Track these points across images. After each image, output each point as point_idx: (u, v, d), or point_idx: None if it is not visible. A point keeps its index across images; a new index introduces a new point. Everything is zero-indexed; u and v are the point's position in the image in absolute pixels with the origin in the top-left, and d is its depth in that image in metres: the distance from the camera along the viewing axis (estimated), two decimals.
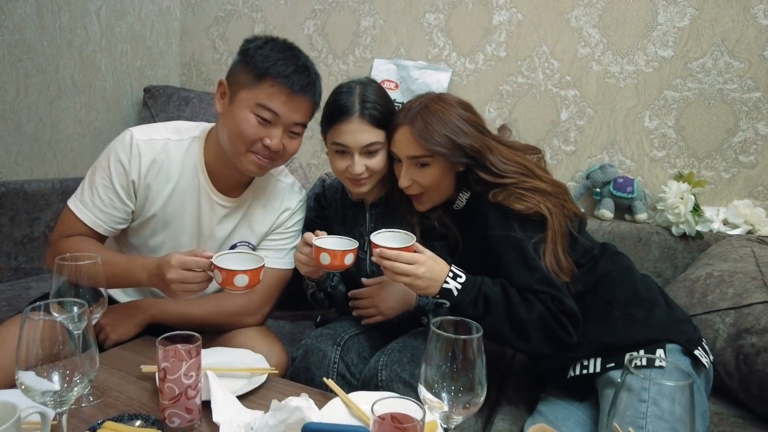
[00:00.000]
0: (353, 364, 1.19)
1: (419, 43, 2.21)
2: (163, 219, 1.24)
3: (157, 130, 1.24)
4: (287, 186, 1.37)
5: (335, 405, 0.92)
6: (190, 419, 0.86)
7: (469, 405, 0.66)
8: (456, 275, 1.07)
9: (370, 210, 1.37)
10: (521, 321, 1.05)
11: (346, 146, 1.21)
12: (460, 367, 0.66)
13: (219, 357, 1.08)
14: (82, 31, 2.27)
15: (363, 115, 1.19)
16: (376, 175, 1.25)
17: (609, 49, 1.92)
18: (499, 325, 1.06)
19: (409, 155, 1.19)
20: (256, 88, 1.11)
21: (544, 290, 1.06)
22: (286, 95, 1.11)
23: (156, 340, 0.85)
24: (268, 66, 1.11)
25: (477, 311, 1.05)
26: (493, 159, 1.17)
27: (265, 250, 1.33)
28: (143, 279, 1.10)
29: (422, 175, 1.20)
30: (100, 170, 1.21)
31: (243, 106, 1.12)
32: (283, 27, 2.49)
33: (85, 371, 0.70)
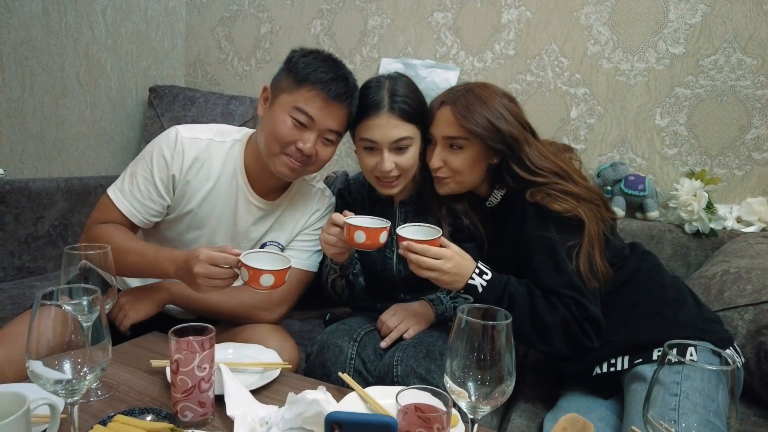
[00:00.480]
0: (369, 360, 1.17)
1: (427, 42, 2.20)
2: (200, 216, 1.26)
3: (201, 129, 1.27)
4: (319, 191, 1.40)
5: (352, 399, 0.89)
6: (204, 413, 0.83)
7: (497, 395, 0.64)
8: (482, 272, 1.06)
9: (400, 207, 1.34)
10: (544, 323, 1.03)
11: (375, 142, 1.19)
12: (488, 356, 0.64)
13: (231, 352, 1.05)
14: (88, 30, 2.26)
15: (392, 110, 1.17)
16: (406, 174, 1.23)
17: (619, 46, 1.90)
18: (521, 325, 1.04)
19: (446, 135, 1.17)
20: (295, 92, 1.14)
21: (570, 295, 1.04)
22: (322, 101, 1.13)
23: (168, 333, 0.83)
24: (308, 72, 1.14)
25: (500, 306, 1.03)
26: (530, 152, 1.14)
27: (290, 250, 1.34)
28: (170, 271, 1.11)
29: (455, 157, 1.18)
30: (142, 162, 1.24)
31: (281, 109, 1.15)
32: (290, 27, 2.48)
33: (97, 360, 0.68)
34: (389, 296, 1.38)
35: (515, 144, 1.14)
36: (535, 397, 1.25)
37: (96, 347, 0.70)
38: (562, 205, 1.09)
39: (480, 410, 0.65)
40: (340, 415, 0.59)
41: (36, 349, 0.65)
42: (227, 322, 1.26)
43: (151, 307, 1.19)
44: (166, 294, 1.20)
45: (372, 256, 1.34)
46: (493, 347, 0.63)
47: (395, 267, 1.34)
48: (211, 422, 0.85)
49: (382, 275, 1.35)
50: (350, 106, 1.18)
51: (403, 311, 1.25)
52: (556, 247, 1.07)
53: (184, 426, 0.81)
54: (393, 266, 1.34)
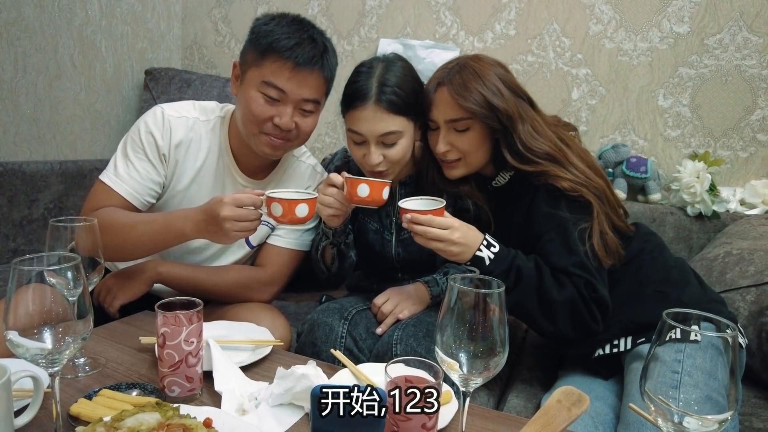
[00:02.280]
0: (361, 338, 1.15)
1: (426, 22, 2.16)
2: (189, 197, 1.22)
3: (186, 108, 1.23)
4: (309, 167, 1.36)
5: (343, 376, 0.87)
6: (191, 388, 0.82)
7: (489, 366, 0.62)
8: (490, 244, 1.03)
9: (400, 188, 1.31)
10: (550, 301, 1.00)
11: (360, 135, 1.14)
12: (480, 327, 0.61)
13: (221, 330, 1.04)
14: (82, 11, 2.22)
15: (380, 102, 1.10)
16: (396, 165, 1.18)
17: (622, 25, 1.86)
18: (527, 301, 1.01)
19: (448, 119, 1.11)
20: (261, 65, 1.08)
21: (579, 274, 1.01)
22: (290, 70, 1.07)
23: (155, 306, 0.81)
24: (271, 41, 1.07)
25: (507, 283, 0.99)
26: (523, 131, 1.08)
27: (281, 229, 1.31)
28: (187, 229, 1.05)
29: (461, 139, 1.12)
30: (131, 143, 1.19)
31: (251, 86, 1.10)
32: (287, 8, 2.43)
33: (78, 331, 0.66)
34: (387, 277, 1.36)
35: (509, 123, 1.09)
36: (533, 378, 1.23)
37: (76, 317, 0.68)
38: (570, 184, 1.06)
39: (472, 382, 0.63)
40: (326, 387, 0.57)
41: (14, 319, 0.63)
42: (218, 302, 1.24)
43: (139, 287, 1.16)
44: (154, 273, 1.17)
45: (370, 237, 1.32)
46: (486, 317, 0.61)
47: (394, 249, 1.31)
48: (199, 397, 0.83)
49: (381, 257, 1.33)
50: (323, 69, 1.11)
51: (397, 295, 1.23)
52: (567, 226, 1.04)
53: (171, 400, 0.80)
54: (392, 248, 1.31)
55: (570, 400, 0.64)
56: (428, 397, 0.62)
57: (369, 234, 1.32)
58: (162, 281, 1.18)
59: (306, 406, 0.78)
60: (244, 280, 1.23)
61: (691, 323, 0.60)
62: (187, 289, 1.18)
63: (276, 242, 1.30)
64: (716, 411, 0.57)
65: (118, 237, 1.08)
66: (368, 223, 1.32)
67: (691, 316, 0.60)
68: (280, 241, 1.29)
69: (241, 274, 1.25)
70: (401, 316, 1.18)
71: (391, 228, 1.30)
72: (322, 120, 2.43)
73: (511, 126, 1.09)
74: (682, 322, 0.58)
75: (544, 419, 0.63)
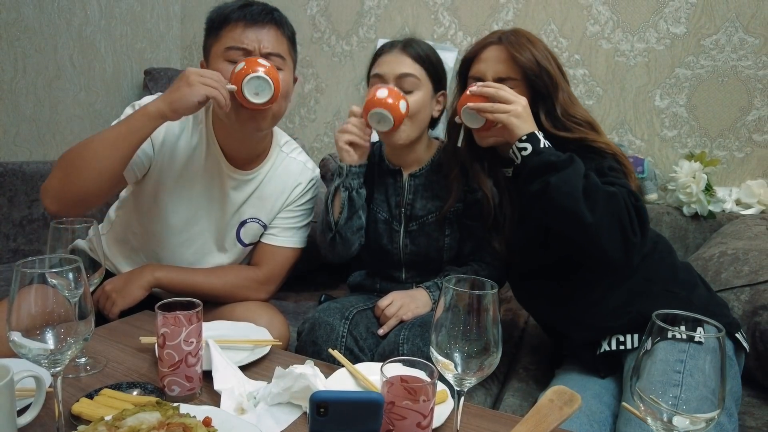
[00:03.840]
0: (362, 338, 1.16)
1: (424, 23, 2.17)
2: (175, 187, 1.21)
3: None
4: (300, 164, 1.34)
5: (341, 375, 0.89)
6: (191, 388, 0.83)
7: (483, 366, 0.63)
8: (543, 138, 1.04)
9: (410, 180, 1.32)
10: (595, 188, 0.97)
11: (381, 76, 1.21)
12: (474, 327, 0.63)
13: (220, 330, 1.05)
14: (81, 11, 2.23)
15: (405, 49, 1.21)
16: (411, 119, 1.21)
17: (619, 26, 1.87)
18: (571, 183, 0.97)
19: (497, 76, 1.11)
20: (219, 39, 1.13)
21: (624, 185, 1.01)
22: (242, 27, 1.11)
23: (155, 307, 0.82)
24: (221, 16, 1.13)
25: (559, 159, 0.99)
26: (563, 98, 1.10)
27: (273, 228, 1.31)
28: (151, 108, 1.03)
29: None
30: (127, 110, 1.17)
31: (217, 61, 1.13)
32: (286, 8, 2.41)
33: (79, 331, 0.67)
34: (391, 277, 1.36)
35: (553, 88, 1.09)
36: (529, 377, 1.24)
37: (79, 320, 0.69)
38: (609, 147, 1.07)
39: (466, 382, 0.64)
40: (326, 395, 0.57)
41: (16, 320, 0.64)
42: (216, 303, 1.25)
43: (137, 293, 1.16)
44: (151, 278, 1.18)
45: (379, 228, 1.33)
46: (480, 318, 0.62)
47: (402, 241, 1.32)
48: (199, 397, 0.84)
49: (387, 250, 1.33)
50: (278, 25, 1.14)
51: (401, 298, 1.23)
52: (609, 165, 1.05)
53: (171, 400, 0.81)
54: (400, 240, 1.32)
55: (562, 399, 0.65)
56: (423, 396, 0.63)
57: (378, 224, 1.33)
58: (159, 285, 1.19)
59: (304, 405, 0.79)
60: (241, 280, 1.24)
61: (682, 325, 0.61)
62: (184, 291, 1.17)
63: (270, 241, 1.30)
64: (707, 410, 0.58)
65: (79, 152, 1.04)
66: (378, 212, 1.33)
67: (680, 318, 0.61)
68: (274, 240, 1.30)
69: (237, 274, 1.26)
70: (405, 318, 1.19)
71: (400, 218, 1.31)
72: (321, 120, 2.45)
73: (554, 91, 1.09)
74: (671, 324, 0.59)
75: (536, 418, 0.64)
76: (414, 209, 1.31)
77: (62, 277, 0.71)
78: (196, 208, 1.24)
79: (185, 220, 1.24)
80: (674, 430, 0.58)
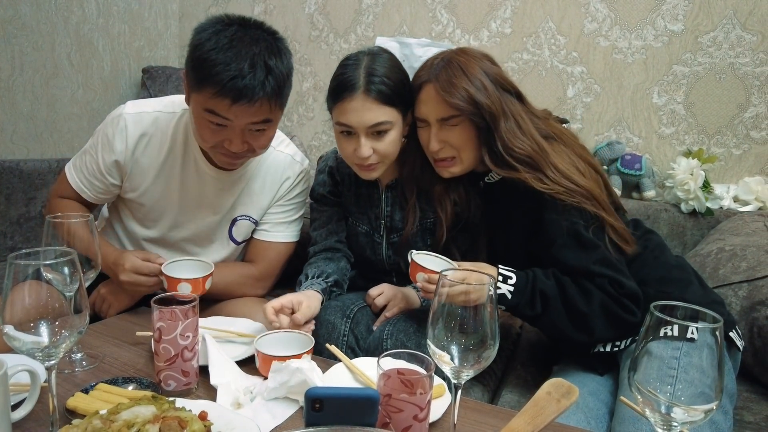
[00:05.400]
0: (362, 336, 1.15)
1: (422, 20, 2.17)
2: (158, 192, 1.21)
3: (150, 103, 1.21)
4: (288, 157, 1.30)
5: (338, 370, 0.88)
6: (187, 382, 0.82)
7: (480, 359, 0.63)
8: (506, 277, 1.01)
9: (386, 191, 1.27)
10: (581, 314, 0.99)
11: (350, 126, 1.09)
12: (471, 319, 0.62)
13: (217, 325, 1.04)
14: (78, 9, 2.23)
15: (369, 91, 1.06)
16: (386, 159, 1.14)
17: (617, 24, 1.87)
18: (558, 321, 1.00)
19: (438, 117, 1.08)
20: (201, 91, 1.00)
21: (603, 273, 1.00)
22: (228, 106, 0.99)
23: (151, 301, 0.82)
24: (205, 75, 0.98)
25: (535, 311, 1.01)
26: (506, 128, 1.05)
27: (265, 224, 1.30)
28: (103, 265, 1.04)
29: (453, 135, 1.09)
30: (92, 139, 1.23)
31: (196, 109, 1.04)
32: (284, 6, 2.44)
33: (74, 325, 0.67)
34: (382, 280, 1.35)
35: (491, 120, 1.05)
36: (527, 374, 1.24)
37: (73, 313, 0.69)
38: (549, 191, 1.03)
39: (464, 374, 0.63)
40: (321, 391, 0.57)
41: (10, 314, 0.64)
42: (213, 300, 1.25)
43: (133, 296, 1.17)
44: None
45: (360, 241, 1.31)
46: (476, 311, 0.62)
47: (384, 253, 1.30)
48: (195, 391, 0.84)
49: (372, 260, 1.32)
50: (270, 94, 1.00)
51: (391, 291, 1.23)
52: (577, 228, 1.02)
53: (167, 395, 0.80)
54: (383, 251, 1.30)
55: (560, 392, 0.65)
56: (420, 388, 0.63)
57: (359, 237, 1.31)
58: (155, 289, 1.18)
59: (300, 399, 0.79)
60: (237, 277, 1.24)
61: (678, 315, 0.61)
62: None
63: (263, 237, 1.30)
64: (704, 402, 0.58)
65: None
66: (358, 225, 1.30)
67: (678, 308, 0.61)
68: (267, 236, 1.29)
69: (233, 271, 1.26)
70: (389, 314, 1.19)
71: (381, 230, 1.28)
72: (319, 118, 2.44)
73: (493, 124, 1.05)
74: (670, 314, 0.59)
75: (534, 410, 0.64)
76: (394, 221, 1.27)
77: (57, 271, 0.71)
78: (183, 213, 1.24)
79: (169, 226, 1.24)
80: (672, 422, 0.58)
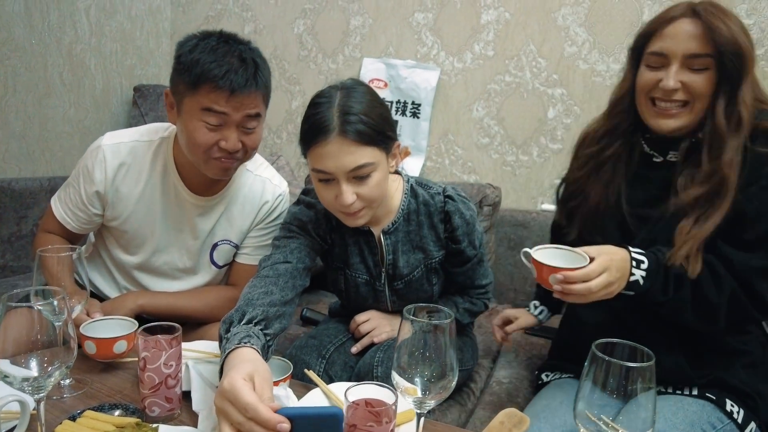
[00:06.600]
0: (337, 376, 1.16)
1: (408, 42, 2.23)
2: (140, 219, 1.24)
3: (127, 134, 1.25)
4: (266, 180, 1.32)
5: (315, 395, 0.93)
6: (170, 408, 0.87)
7: (441, 390, 0.67)
8: (639, 261, 0.94)
9: (385, 239, 1.16)
10: (710, 304, 0.94)
11: (328, 173, 1.00)
12: (432, 353, 0.67)
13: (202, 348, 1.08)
14: (71, 30, 2.27)
15: (345, 133, 0.97)
16: (373, 203, 1.05)
17: (595, 47, 1.94)
18: (682, 307, 0.95)
19: (687, 53, 0.98)
20: (196, 94, 1.07)
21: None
22: (226, 97, 1.06)
23: (137, 332, 0.86)
24: (200, 72, 1.05)
25: (667, 296, 0.95)
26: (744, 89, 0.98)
27: (246, 248, 1.33)
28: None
29: (697, 79, 0.99)
30: (75, 171, 1.26)
31: (190, 116, 1.09)
32: (273, 26, 2.50)
33: (63, 359, 0.71)
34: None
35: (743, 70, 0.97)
36: (501, 390, 1.29)
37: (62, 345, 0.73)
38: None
39: (426, 405, 0.68)
40: (289, 411, 0.62)
41: (2, 348, 0.68)
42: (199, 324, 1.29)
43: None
44: (136, 306, 1.21)
45: (362, 291, 1.23)
46: (437, 344, 0.67)
47: (389, 299, 1.23)
48: (178, 417, 0.88)
49: (374, 307, 1.27)
50: (259, 87, 1.09)
51: (378, 318, 1.24)
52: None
53: (152, 420, 0.85)
54: (386, 298, 1.23)
55: (512, 422, 0.69)
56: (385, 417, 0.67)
57: (360, 287, 1.22)
58: (144, 313, 1.22)
59: None
60: (221, 301, 1.27)
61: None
62: (168, 316, 1.21)
63: (245, 260, 1.33)
64: None
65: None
66: (357, 277, 1.21)
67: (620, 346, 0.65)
68: (249, 259, 1.32)
69: (218, 296, 1.29)
70: (377, 339, 1.20)
71: (381, 278, 1.20)
72: None
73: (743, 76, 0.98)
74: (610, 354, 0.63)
75: None
76: (397, 269, 1.18)
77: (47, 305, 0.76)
78: (164, 238, 1.27)
79: (152, 251, 1.28)
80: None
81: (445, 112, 2.20)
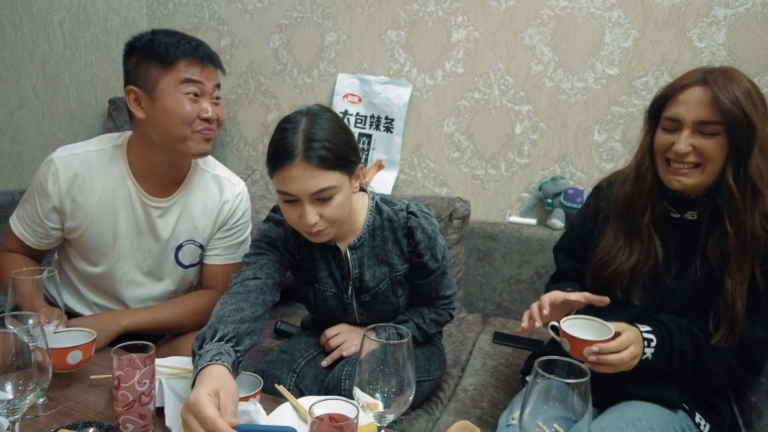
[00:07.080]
0: (308, 389, 1.20)
1: (381, 59, 2.29)
2: (100, 228, 1.27)
3: (80, 145, 1.28)
4: (223, 179, 1.36)
5: (284, 410, 0.96)
6: (144, 424, 0.90)
7: (399, 404, 0.72)
8: (648, 341, 1.02)
9: (351, 253, 1.22)
10: (707, 372, 1.05)
11: (292, 195, 1.06)
12: (391, 370, 0.72)
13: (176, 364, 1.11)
14: (45, 43, 2.27)
15: (309, 158, 1.02)
16: (335, 223, 1.10)
17: (560, 66, 2.02)
18: (681, 375, 1.06)
19: (698, 119, 1.03)
20: (172, 72, 1.18)
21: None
22: (199, 67, 1.20)
23: (111, 352, 0.89)
24: (173, 51, 1.18)
25: (671, 368, 1.05)
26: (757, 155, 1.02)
27: (217, 248, 1.36)
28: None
29: (708, 143, 1.04)
30: (30, 187, 1.29)
31: (170, 94, 1.18)
32: (249, 41, 2.53)
33: (38, 381, 0.74)
34: None
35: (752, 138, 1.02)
36: (466, 397, 1.35)
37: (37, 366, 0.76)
38: None
39: (385, 419, 0.73)
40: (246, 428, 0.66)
41: None
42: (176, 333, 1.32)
43: (103, 342, 1.20)
44: (119, 328, 1.24)
45: (330, 304, 1.27)
46: (395, 362, 0.72)
47: (356, 311, 1.28)
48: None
49: (342, 319, 1.31)
50: (216, 63, 1.25)
51: (348, 332, 1.28)
52: None
53: None
54: (354, 311, 1.28)
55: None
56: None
57: (329, 300, 1.27)
58: (127, 332, 1.24)
59: None
60: (200, 307, 1.30)
61: None
62: (150, 330, 1.26)
63: (215, 261, 1.35)
64: None
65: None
66: (325, 290, 1.26)
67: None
68: (220, 260, 1.35)
69: (197, 302, 1.32)
70: (346, 353, 1.24)
71: (348, 291, 1.25)
72: None
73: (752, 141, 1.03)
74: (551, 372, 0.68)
75: None
76: (364, 282, 1.23)
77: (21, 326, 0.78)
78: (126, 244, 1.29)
79: (116, 259, 1.30)
80: None
81: (417, 127, 2.26)
